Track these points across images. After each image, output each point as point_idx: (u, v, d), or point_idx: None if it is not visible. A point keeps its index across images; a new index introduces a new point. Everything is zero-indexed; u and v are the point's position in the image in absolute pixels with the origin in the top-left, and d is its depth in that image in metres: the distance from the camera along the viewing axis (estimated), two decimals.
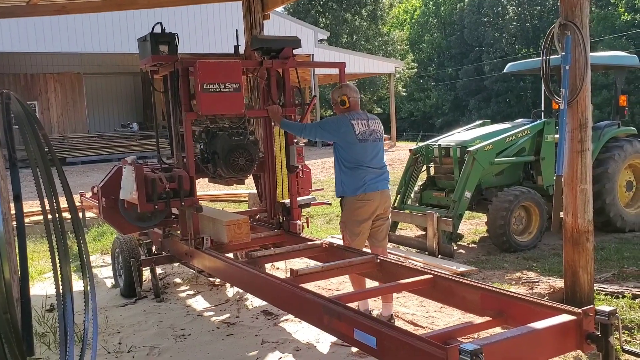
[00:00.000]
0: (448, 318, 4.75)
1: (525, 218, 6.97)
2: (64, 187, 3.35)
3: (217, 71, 4.67)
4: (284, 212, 5.41)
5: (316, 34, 24.85)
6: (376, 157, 4.62)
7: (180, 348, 4.43)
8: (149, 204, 4.70)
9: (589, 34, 4.69)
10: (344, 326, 3.11)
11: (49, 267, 6.83)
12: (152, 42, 4.77)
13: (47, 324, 4.90)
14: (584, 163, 4.65)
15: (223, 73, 4.68)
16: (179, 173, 4.83)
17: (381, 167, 4.66)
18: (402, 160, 18.17)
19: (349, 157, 4.55)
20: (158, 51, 4.78)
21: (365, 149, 4.55)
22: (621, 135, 7.82)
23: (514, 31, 44.45)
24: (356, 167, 4.53)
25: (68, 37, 19.65)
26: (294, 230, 5.29)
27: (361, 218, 4.61)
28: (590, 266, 4.73)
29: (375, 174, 4.57)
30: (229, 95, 4.70)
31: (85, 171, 17.81)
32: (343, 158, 4.58)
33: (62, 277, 3.23)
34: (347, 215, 4.67)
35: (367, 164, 4.55)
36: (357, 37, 41.12)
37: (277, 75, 5.26)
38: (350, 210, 4.63)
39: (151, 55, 4.79)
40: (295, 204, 5.35)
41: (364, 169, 4.53)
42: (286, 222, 5.39)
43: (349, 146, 4.53)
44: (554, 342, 2.80)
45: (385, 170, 4.71)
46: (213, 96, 4.64)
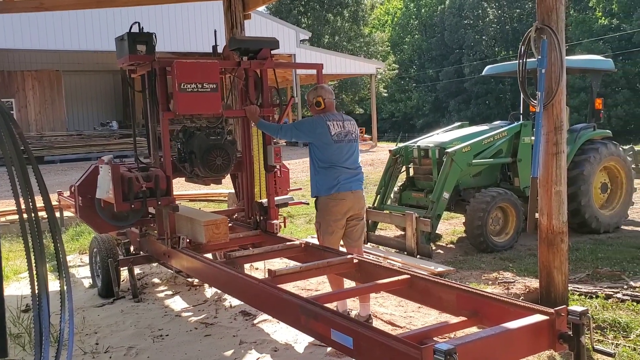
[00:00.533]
0: (425, 318, 4.79)
1: (502, 219, 7.06)
2: (39, 186, 3.32)
3: (194, 71, 4.68)
4: (261, 211, 5.43)
5: (298, 34, 24.88)
6: (351, 157, 4.68)
7: (158, 348, 4.41)
8: (125, 203, 4.71)
9: (567, 37, 4.77)
10: (321, 326, 3.12)
11: (25, 267, 6.75)
12: (130, 42, 4.77)
13: (22, 324, 4.84)
14: (559, 165, 4.73)
15: (200, 73, 4.70)
16: (156, 172, 4.84)
17: (356, 167, 4.71)
18: (383, 160, 18.25)
19: (324, 157, 4.60)
20: (135, 50, 4.78)
21: (340, 150, 4.60)
22: (596, 138, 7.95)
23: (493, 34, 44.94)
24: (330, 167, 4.58)
25: (47, 34, 19.42)
26: (271, 229, 5.32)
27: (334, 217, 4.65)
28: (565, 267, 4.81)
29: (349, 174, 4.63)
30: (206, 95, 4.72)
31: (64, 170, 17.60)
32: (318, 158, 4.63)
33: (38, 277, 3.20)
34: (321, 215, 4.73)
35: (341, 164, 4.61)
36: (338, 37, 41.19)
37: (255, 76, 5.29)
38: (324, 210, 4.68)
39: (128, 54, 4.78)
40: (272, 203, 5.38)
41: (338, 169, 4.59)
42: (263, 221, 5.42)
43: (325, 147, 4.58)
44: (527, 342, 2.84)
45: (360, 172, 4.77)
46: (190, 96, 4.66)
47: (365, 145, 26.77)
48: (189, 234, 5.09)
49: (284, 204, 5.64)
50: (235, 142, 5.44)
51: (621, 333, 4.20)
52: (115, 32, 5.64)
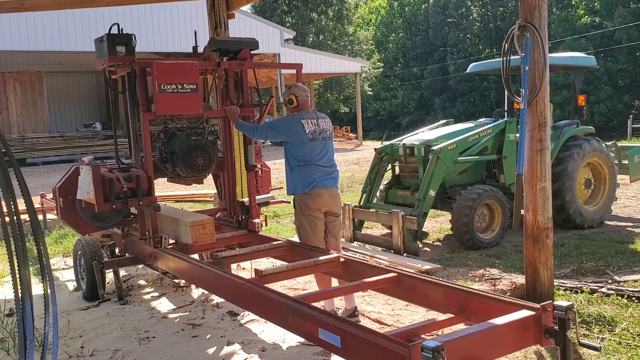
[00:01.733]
0: (413, 315, 4.80)
1: (488, 216, 7.09)
2: (21, 189, 3.28)
3: (174, 72, 4.72)
4: (243, 210, 5.49)
5: (282, 34, 24.81)
6: (326, 155, 4.73)
7: (145, 351, 4.37)
8: (106, 204, 4.73)
9: (549, 35, 4.81)
10: (308, 325, 3.12)
11: (8, 271, 6.65)
12: (109, 43, 4.81)
13: (6, 329, 4.79)
14: (544, 161, 4.76)
15: (180, 74, 4.74)
16: (137, 173, 4.86)
17: (331, 165, 4.77)
18: (368, 159, 18.27)
19: (299, 155, 4.65)
20: (115, 52, 4.83)
21: (314, 148, 4.66)
22: (580, 134, 8.01)
23: (477, 32, 45.19)
24: (305, 165, 4.64)
25: (27, 34, 19.17)
26: (253, 228, 5.37)
27: (313, 213, 4.72)
28: (550, 262, 4.84)
29: (324, 172, 4.69)
30: (186, 96, 4.76)
31: (47, 172, 17.40)
32: (293, 157, 4.69)
33: (21, 281, 3.15)
34: (299, 212, 4.78)
35: (316, 163, 4.66)
36: (323, 36, 41.17)
37: (235, 76, 5.33)
38: (303, 207, 4.73)
39: (108, 55, 4.82)
40: (254, 202, 5.44)
41: (313, 167, 4.65)
42: (245, 220, 5.47)
43: (299, 145, 4.64)
44: (513, 337, 2.86)
45: (335, 170, 4.83)
46: (170, 97, 4.70)
47: (350, 144, 26.81)
48: (175, 234, 5.07)
49: (265, 203, 5.71)
50: (216, 142, 5.47)
51: (606, 327, 4.24)
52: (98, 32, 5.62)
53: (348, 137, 28.73)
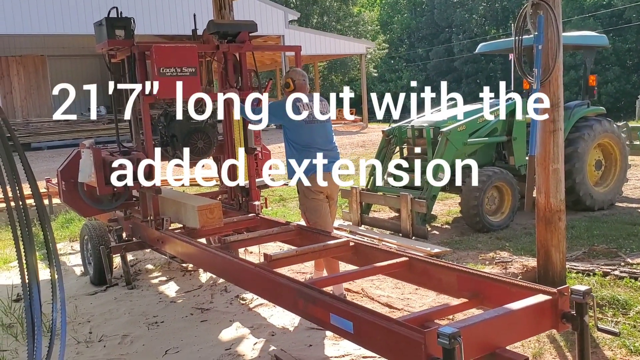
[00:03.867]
0: (423, 299, 4.75)
1: (497, 198, 7.01)
2: (26, 173, 3.22)
3: (173, 56, 4.75)
4: (243, 193, 5.54)
5: (286, 15, 24.55)
6: (324, 137, 4.75)
7: (153, 335, 4.35)
8: (107, 187, 4.84)
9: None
10: (319, 311, 3.07)
11: (14, 256, 6.65)
12: (108, 27, 4.85)
13: (14, 314, 4.76)
14: (557, 143, 4.67)
15: (179, 57, 4.77)
16: (138, 156, 4.93)
17: (332, 148, 4.80)
18: (374, 141, 18.18)
19: (298, 139, 4.67)
20: (114, 35, 4.87)
21: (312, 130, 4.67)
22: (590, 115, 7.89)
23: (483, 12, 44.65)
24: (305, 149, 4.66)
25: (30, 18, 19.03)
26: (253, 210, 5.42)
27: (317, 196, 4.74)
28: (563, 245, 4.77)
29: (324, 154, 4.70)
30: (185, 79, 4.78)
31: (51, 156, 17.38)
32: (292, 140, 4.71)
33: (28, 266, 3.11)
34: (303, 197, 4.81)
35: (315, 145, 4.68)
36: (327, 17, 40.82)
37: (234, 59, 5.36)
38: (306, 191, 4.76)
39: (107, 39, 4.86)
40: (253, 185, 5.51)
41: (313, 149, 4.66)
42: (245, 202, 5.53)
43: (296, 128, 4.66)
44: (530, 322, 2.80)
45: (335, 151, 4.85)
46: (170, 80, 4.71)
47: (355, 126, 26.66)
48: (178, 217, 5.05)
49: (265, 186, 5.77)
50: (216, 125, 5.50)
51: (620, 310, 4.18)
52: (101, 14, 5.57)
53: (353, 120, 28.55)
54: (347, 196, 7.47)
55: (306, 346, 4.00)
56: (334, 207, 5.01)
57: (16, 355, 4.09)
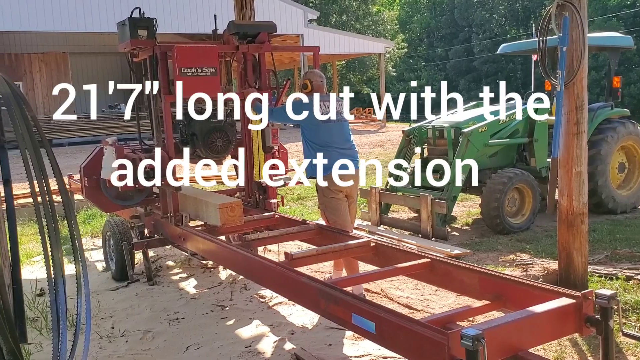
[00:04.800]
0: (443, 301, 4.74)
1: (518, 200, 6.96)
2: (54, 169, 3.27)
3: (194, 56, 4.85)
4: (260, 191, 5.63)
5: (306, 14, 24.57)
6: (342, 136, 4.80)
7: (175, 332, 4.39)
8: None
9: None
10: (341, 311, 3.08)
11: (37, 251, 6.75)
12: (131, 27, 4.94)
13: (37, 308, 4.84)
14: (580, 145, 4.63)
15: (200, 57, 4.86)
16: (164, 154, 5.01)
17: (349, 147, 4.84)
18: (393, 141, 18.15)
19: (315, 138, 4.73)
20: (137, 35, 4.96)
21: (329, 130, 4.73)
22: (614, 117, 7.80)
23: (504, 12, 44.25)
24: (323, 148, 4.70)
25: (53, 16, 19.28)
26: (269, 208, 5.50)
27: (336, 195, 4.77)
28: (585, 248, 4.73)
29: (341, 153, 4.74)
30: (206, 79, 4.87)
31: (73, 153, 17.60)
32: (310, 140, 4.77)
33: (54, 262, 3.16)
34: (322, 196, 4.84)
35: (333, 144, 4.72)
36: (346, 16, 40.74)
37: (253, 59, 5.46)
38: (324, 190, 4.78)
39: (130, 39, 4.95)
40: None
41: (331, 149, 4.71)
42: (262, 200, 5.61)
43: (314, 128, 4.72)
44: (553, 326, 2.78)
45: (354, 150, 4.88)
46: (190, 80, 4.80)
47: (373, 125, 26.61)
48: (196, 213, 5.11)
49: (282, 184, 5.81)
50: (235, 124, 5.62)
51: None
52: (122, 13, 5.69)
53: (371, 119, 28.51)
54: (366, 196, 7.47)
55: (326, 345, 4.02)
56: (353, 206, 5.02)
57: (40, 348, 4.15)
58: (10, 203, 3.03)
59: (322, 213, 5.00)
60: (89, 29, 20.19)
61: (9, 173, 3.07)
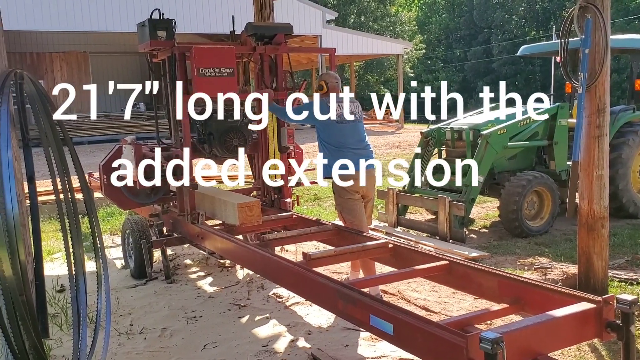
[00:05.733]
0: (460, 303, 4.72)
1: (537, 203, 6.90)
2: (76, 168, 3.32)
3: (211, 56, 4.92)
4: (275, 190, 5.72)
5: (324, 15, 24.55)
6: (357, 137, 4.82)
7: (192, 330, 4.42)
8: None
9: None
10: (359, 312, 3.08)
11: (57, 248, 6.84)
12: (150, 28, 5.03)
13: (58, 304, 4.91)
14: (601, 148, 4.59)
15: (217, 58, 4.93)
16: (176, 152, 5.13)
17: (364, 147, 4.86)
18: (410, 142, 18.08)
19: (330, 138, 4.77)
20: (156, 36, 5.06)
21: (344, 130, 4.76)
22: (635, 120, 7.70)
23: (523, 13, 43.88)
24: (337, 149, 4.74)
25: (74, 15, 19.49)
26: (284, 207, 5.57)
27: (352, 196, 4.79)
28: (605, 252, 4.69)
29: (356, 153, 4.77)
30: (223, 79, 4.94)
31: (92, 151, 17.79)
32: (325, 140, 4.81)
33: (75, 258, 3.21)
34: (338, 197, 4.88)
35: (348, 145, 4.76)
36: (364, 17, 40.68)
37: (270, 60, 5.54)
38: (340, 191, 4.81)
39: (149, 40, 5.05)
40: (286, 182, 5.67)
41: (346, 149, 4.74)
42: (277, 199, 5.70)
43: (328, 128, 4.77)
44: (573, 330, 2.76)
45: (368, 150, 4.90)
46: (208, 80, 4.88)
47: (391, 127, 26.54)
48: (222, 215, 5.13)
49: (297, 183, 5.93)
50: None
51: None
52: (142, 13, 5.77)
53: (388, 120, 28.43)
54: (384, 197, 7.46)
55: (342, 346, 4.02)
56: (369, 206, 5.04)
57: (60, 344, 4.21)
58: (34, 200, 3.08)
59: (339, 213, 5.03)
60: (109, 28, 20.38)
61: (33, 170, 3.11)
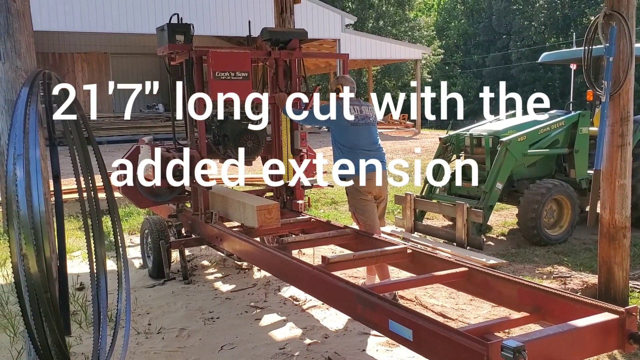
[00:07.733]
0: (478, 311, 4.69)
1: (556, 211, 6.84)
2: (99, 167, 3.36)
3: (228, 60, 5.06)
4: (287, 192, 5.81)
5: (343, 19, 24.54)
6: (369, 139, 4.93)
7: (210, 331, 4.44)
8: (163, 181, 5.23)
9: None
10: (378, 317, 3.08)
11: (77, 246, 6.92)
12: (169, 32, 5.17)
13: (77, 302, 4.95)
14: (624, 158, 4.54)
15: (233, 62, 5.08)
16: (192, 153, 5.26)
17: (376, 149, 4.96)
18: (427, 148, 18.01)
19: (344, 140, 4.87)
20: (175, 40, 5.20)
21: (358, 133, 4.87)
22: None
23: (543, 20, 43.59)
24: (352, 150, 4.84)
25: (96, 16, 19.70)
26: (296, 208, 5.70)
27: (365, 197, 4.88)
28: (626, 263, 4.64)
29: (368, 155, 4.87)
30: (238, 83, 5.08)
31: (111, 151, 17.93)
32: (339, 142, 4.91)
33: (97, 257, 3.24)
34: (351, 198, 4.99)
35: (361, 147, 4.86)
36: (383, 22, 40.67)
37: (285, 65, 5.65)
38: (353, 192, 4.92)
39: (168, 44, 5.19)
40: (298, 184, 5.76)
41: (359, 151, 4.85)
42: (289, 201, 5.79)
43: (343, 130, 4.87)
44: (595, 341, 2.75)
45: (380, 152, 5.01)
46: (224, 83, 5.02)
47: (408, 132, 26.46)
48: (240, 217, 5.16)
49: (309, 186, 5.99)
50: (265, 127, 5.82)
51: None
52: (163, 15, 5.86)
53: (405, 125, 28.36)
54: (401, 202, 7.44)
55: (359, 350, 4.02)
56: (382, 207, 5.12)
57: (80, 342, 4.25)
58: (59, 198, 3.12)
59: (352, 214, 5.11)
60: (130, 30, 20.57)
61: (58, 170, 3.15)
